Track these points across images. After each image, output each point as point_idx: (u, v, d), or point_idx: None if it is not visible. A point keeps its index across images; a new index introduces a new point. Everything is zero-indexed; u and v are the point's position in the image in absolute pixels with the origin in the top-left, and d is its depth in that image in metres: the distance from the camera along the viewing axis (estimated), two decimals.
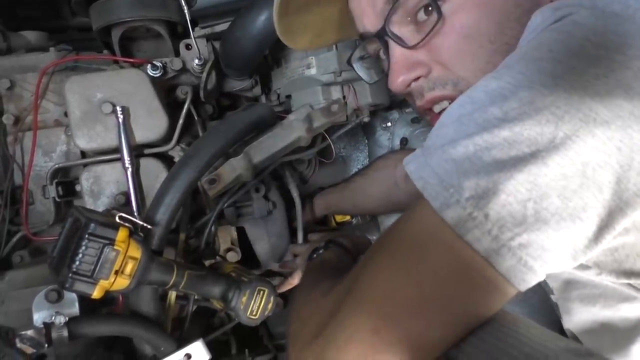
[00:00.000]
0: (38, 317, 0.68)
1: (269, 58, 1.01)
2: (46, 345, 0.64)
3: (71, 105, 0.78)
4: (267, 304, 0.74)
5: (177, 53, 0.88)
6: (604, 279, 0.44)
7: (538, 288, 0.42)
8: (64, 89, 0.78)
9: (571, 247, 0.37)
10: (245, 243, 0.97)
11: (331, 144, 0.97)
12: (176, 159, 0.86)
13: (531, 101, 0.36)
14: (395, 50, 0.57)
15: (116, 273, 0.59)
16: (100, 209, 0.81)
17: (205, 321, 0.94)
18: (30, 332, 0.65)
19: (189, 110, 0.87)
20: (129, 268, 0.60)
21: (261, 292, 0.73)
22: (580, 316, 0.52)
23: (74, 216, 0.62)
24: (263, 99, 1.04)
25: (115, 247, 0.58)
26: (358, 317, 0.39)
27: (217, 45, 0.92)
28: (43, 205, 0.86)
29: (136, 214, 0.77)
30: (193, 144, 0.77)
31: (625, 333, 0.47)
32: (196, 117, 0.90)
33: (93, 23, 0.86)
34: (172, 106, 0.86)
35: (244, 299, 0.71)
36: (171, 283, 0.66)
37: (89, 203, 0.82)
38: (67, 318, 0.66)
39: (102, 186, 0.82)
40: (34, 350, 0.64)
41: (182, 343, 0.72)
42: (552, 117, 0.35)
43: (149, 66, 0.83)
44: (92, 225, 0.58)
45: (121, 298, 0.77)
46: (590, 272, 0.44)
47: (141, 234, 0.64)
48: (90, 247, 0.57)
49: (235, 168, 0.83)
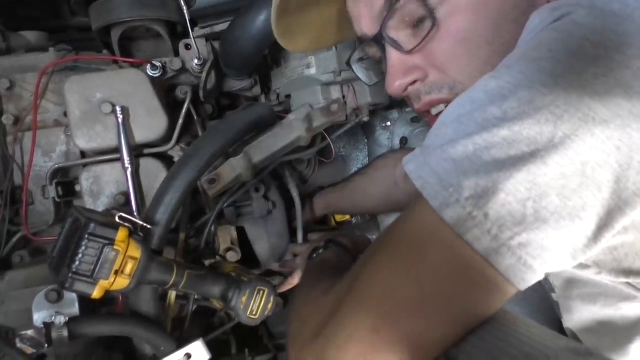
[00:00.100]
0: (38, 317, 0.68)
1: (269, 58, 1.01)
2: (46, 345, 0.64)
3: (71, 105, 0.78)
4: (267, 304, 0.74)
5: (177, 53, 0.88)
6: (604, 278, 0.44)
7: (538, 287, 0.42)
8: (64, 89, 0.78)
9: (571, 246, 0.37)
10: (245, 243, 0.97)
11: (331, 144, 0.97)
12: (176, 159, 0.86)
13: (530, 100, 0.36)
14: (392, 54, 0.57)
15: (116, 273, 0.59)
16: (100, 209, 0.81)
17: (205, 321, 0.94)
18: (30, 332, 0.65)
19: (189, 110, 0.87)
20: (129, 268, 0.60)
21: (261, 292, 0.73)
22: (580, 315, 0.52)
23: (74, 216, 0.62)
24: (263, 99, 1.04)
25: (115, 247, 0.58)
26: (358, 316, 0.39)
27: (217, 45, 0.92)
28: (43, 205, 0.86)
29: (136, 214, 0.77)
30: (193, 144, 0.77)
31: (624, 332, 0.47)
32: (196, 117, 0.90)
33: (93, 23, 0.85)
34: (172, 106, 0.86)
35: (244, 299, 0.71)
36: (171, 283, 0.66)
37: (89, 203, 0.82)
38: (67, 318, 0.66)
39: (102, 186, 0.82)
40: (34, 350, 0.64)
41: (182, 343, 0.72)
42: (552, 117, 0.35)
43: (149, 66, 0.83)
44: (92, 225, 0.58)
45: (121, 298, 0.77)
46: (589, 271, 0.44)
47: (141, 234, 0.64)
48: (90, 247, 0.57)
49: (235, 168, 0.83)
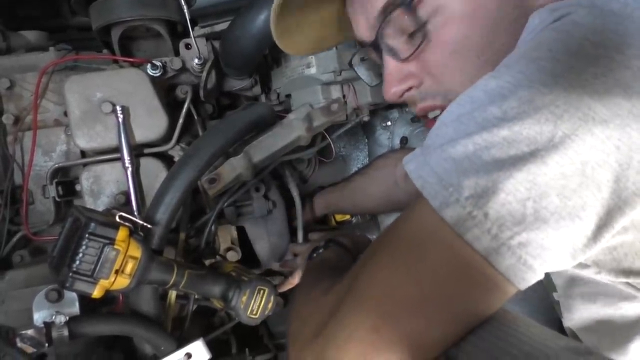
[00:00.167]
0: (38, 317, 0.68)
1: (269, 57, 1.01)
2: (46, 344, 0.64)
3: (71, 104, 0.78)
4: (268, 304, 0.74)
5: (177, 52, 0.88)
6: (603, 278, 0.44)
7: (538, 287, 0.42)
8: (64, 89, 0.78)
9: (570, 246, 0.37)
10: (245, 242, 0.97)
11: (331, 143, 0.97)
12: (176, 159, 0.86)
13: (530, 100, 0.36)
14: (388, 61, 0.57)
15: (116, 272, 0.59)
16: (100, 209, 0.81)
17: (205, 320, 0.94)
18: (30, 332, 0.65)
19: (189, 109, 0.87)
20: (129, 267, 0.60)
21: (261, 292, 0.73)
22: (581, 314, 0.52)
23: (74, 216, 0.62)
24: (263, 98, 1.04)
25: (115, 247, 0.58)
26: (358, 316, 0.39)
27: (217, 44, 0.92)
28: (43, 205, 0.86)
29: (136, 214, 0.77)
30: (193, 144, 0.77)
31: (624, 331, 0.48)
32: (196, 117, 0.90)
33: (93, 22, 0.85)
34: (172, 105, 0.86)
35: (244, 299, 0.71)
36: (171, 282, 0.66)
37: (89, 203, 0.82)
38: (68, 317, 0.66)
39: (102, 186, 0.82)
40: (35, 349, 0.64)
41: (182, 342, 0.72)
42: (551, 116, 0.35)
43: (149, 66, 0.83)
44: (92, 224, 0.58)
45: (121, 297, 0.77)
46: (589, 271, 0.44)
47: (141, 234, 0.64)
48: (90, 247, 0.57)
49: (235, 167, 0.83)
